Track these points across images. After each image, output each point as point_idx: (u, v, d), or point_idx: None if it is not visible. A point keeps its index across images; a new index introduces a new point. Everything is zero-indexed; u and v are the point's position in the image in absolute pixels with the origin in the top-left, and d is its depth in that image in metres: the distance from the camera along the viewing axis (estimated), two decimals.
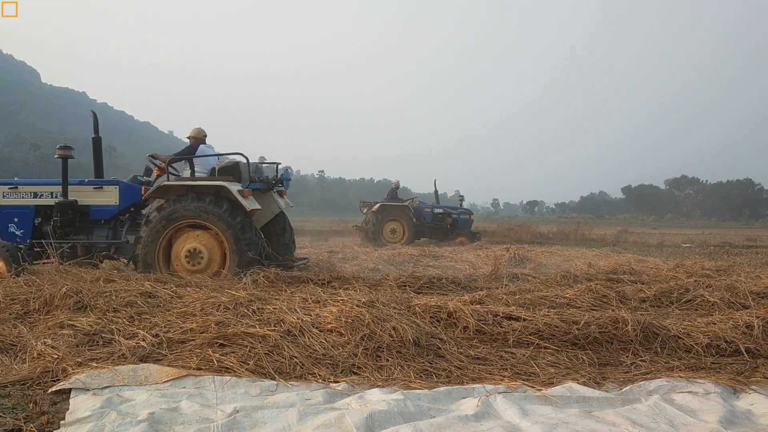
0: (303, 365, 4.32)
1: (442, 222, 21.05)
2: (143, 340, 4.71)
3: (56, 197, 8.61)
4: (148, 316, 5.46)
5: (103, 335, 4.88)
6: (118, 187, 8.79)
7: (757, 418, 3.64)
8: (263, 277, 7.58)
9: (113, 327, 5.02)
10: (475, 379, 4.26)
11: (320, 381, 4.09)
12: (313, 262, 11.77)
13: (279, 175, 9.65)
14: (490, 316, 5.52)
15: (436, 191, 23.55)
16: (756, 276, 9.45)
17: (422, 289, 7.75)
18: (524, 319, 5.45)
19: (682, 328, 5.34)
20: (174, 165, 8.96)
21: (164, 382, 3.89)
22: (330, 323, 5.00)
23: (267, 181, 9.32)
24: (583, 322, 5.30)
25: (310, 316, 5.23)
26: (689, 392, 3.98)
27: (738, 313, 5.84)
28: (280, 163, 9.77)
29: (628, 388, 4.09)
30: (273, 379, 4.06)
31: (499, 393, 3.85)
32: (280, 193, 9.58)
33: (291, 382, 4.03)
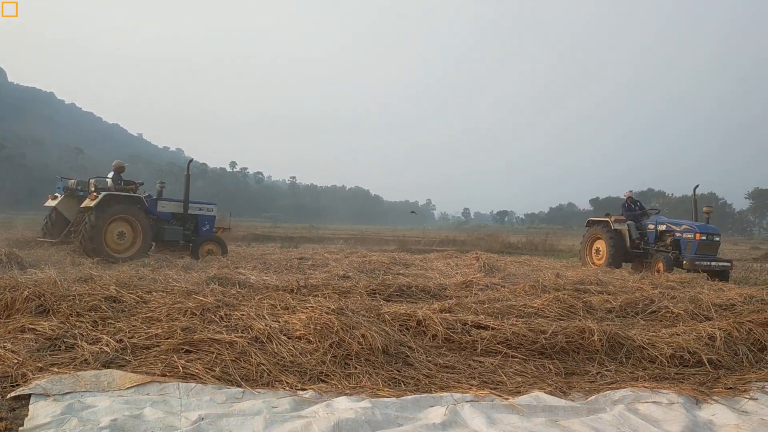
0: (270, 372, 4.28)
1: (663, 242, 14.88)
2: (107, 345, 4.61)
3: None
4: (112, 321, 5.36)
5: (65, 340, 4.77)
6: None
7: (719, 428, 3.70)
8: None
9: (76, 332, 4.92)
10: (443, 387, 4.26)
11: (287, 388, 4.05)
12: (282, 267, 11.71)
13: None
14: (459, 324, 5.54)
15: (694, 201, 16.59)
16: (719, 288, 9.65)
17: (392, 297, 7.75)
18: (493, 328, 5.48)
19: (647, 339, 5.43)
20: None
21: (127, 388, 3.82)
22: (298, 330, 4.97)
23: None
24: (550, 331, 5.35)
25: (279, 322, 5.19)
26: (653, 402, 4.04)
27: (701, 325, 5.95)
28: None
29: (593, 397, 4.13)
30: (239, 386, 4.02)
31: (467, 402, 3.85)
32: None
33: (258, 390, 3.98)
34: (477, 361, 4.92)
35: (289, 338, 4.86)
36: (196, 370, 4.16)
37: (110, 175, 13.93)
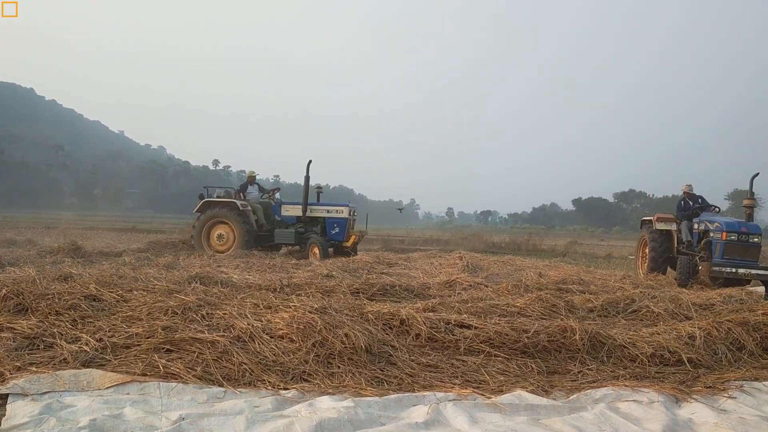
0: (252, 372, 4.26)
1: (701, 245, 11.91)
2: (86, 344, 4.56)
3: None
4: (92, 320, 5.30)
5: (44, 339, 4.70)
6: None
7: (698, 426, 3.74)
8: None
9: (55, 330, 4.85)
10: (426, 386, 4.27)
11: (270, 388, 4.03)
12: (264, 266, 11.65)
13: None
14: (442, 323, 5.55)
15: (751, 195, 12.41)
16: (699, 288, 9.75)
17: (375, 296, 7.74)
18: (476, 327, 5.49)
19: (628, 338, 5.47)
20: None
21: (107, 387, 3.78)
22: (281, 329, 4.94)
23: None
24: (532, 330, 5.38)
25: (261, 321, 5.16)
26: (634, 401, 4.07)
27: (681, 324, 6.01)
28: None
29: (575, 396, 4.16)
30: (221, 385, 3.99)
31: (450, 400, 3.86)
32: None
33: (239, 389, 3.96)
34: (460, 360, 4.93)
35: (271, 337, 4.84)
36: (177, 370, 4.12)
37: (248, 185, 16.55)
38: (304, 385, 4.13)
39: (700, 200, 12.98)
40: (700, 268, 11.12)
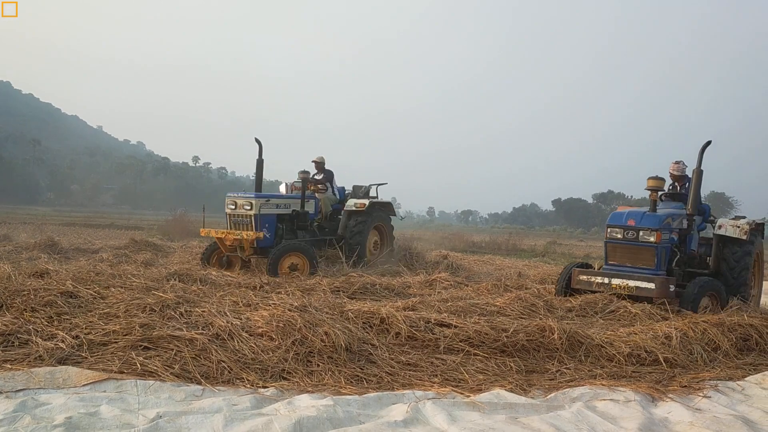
0: (231, 370, 4.24)
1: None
2: (62, 341, 4.50)
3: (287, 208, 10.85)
4: (68, 317, 5.24)
5: (19, 336, 4.63)
6: (314, 201, 11.52)
7: (673, 425, 3.80)
8: None
9: (30, 327, 4.78)
10: (405, 385, 4.28)
11: (248, 386, 4.01)
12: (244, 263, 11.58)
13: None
14: (422, 322, 5.56)
15: (698, 174, 8.75)
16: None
17: (356, 295, 7.75)
18: (455, 326, 5.51)
19: (605, 338, 5.53)
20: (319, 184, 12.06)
21: (83, 385, 3.73)
22: (260, 327, 4.92)
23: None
24: (511, 329, 5.41)
25: (240, 319, 5.13)
26: (611, 400, 4.12)
27: (658, 324, 6.09)
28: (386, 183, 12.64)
29: (552, 395, 4.19)
30: (199, 383, 3.96)
31: (429, 399, 3.87)
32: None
33: (218, 387, 3.94)
34: (439, 359, 4.95)
35: (250, 335, 4.82)
36: (155, 368, 4.09)
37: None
38: (283, 383, 4.12)
39: (687, 185, 8.81)
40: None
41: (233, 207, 10.28)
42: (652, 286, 7.18)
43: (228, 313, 5.28)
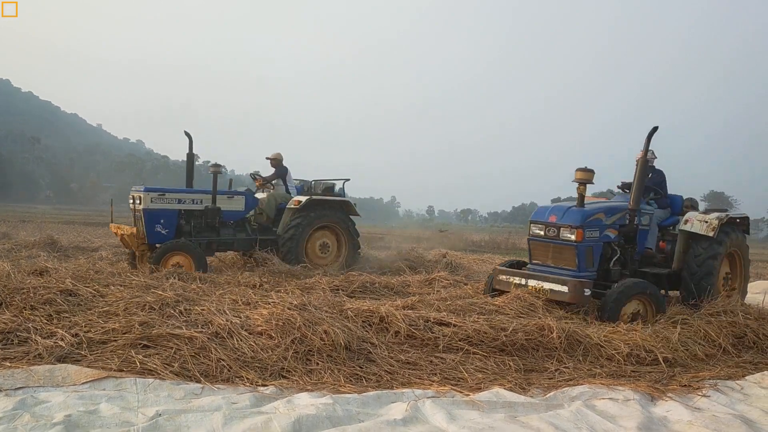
0: (230, 368, 4.24)
1: None
2: (62, 339, 4.50)
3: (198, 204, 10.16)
4: (68, 315, 5.24)
5: (18, 334, 4.63)
6: (244, 197, 10.72)
7: (672, 424, 3.80)
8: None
9: (30, 325, 4.78)
10: (404, 383, 4.28)
11: (248, 384, 4.02)
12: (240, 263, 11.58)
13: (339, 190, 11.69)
14: (421, 321, 5.56)
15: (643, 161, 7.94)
16: None
17: (355, 293, 7.74)
18: (454, 325, 5.52)
19: (604, 337, 5.52)
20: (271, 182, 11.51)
21: (83, 383, 3.74)
22: (260, 326, 4.92)
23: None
24: (510, 328, 5.41)
25: (240, 318, 5.13)
26: (610, 399, 4.12)
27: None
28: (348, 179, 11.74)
29: (552, 394, 4.20)
30: (198, 382, 3.97)
31: (428, 398, 3.88)
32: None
33: (217, 386, 3.94)
34: (438, 358, 4.95)
35: (250, 334, 4.82)
36: (154, 366, 4.09)
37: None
38: (283, 381, 4.12)
39: (650, 176, 8.05)
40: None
41: (131, 202, 9.92)
42: (564, 289, 6.45)
43: (227, 312, 5.27)
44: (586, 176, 6.88)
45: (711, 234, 7.14)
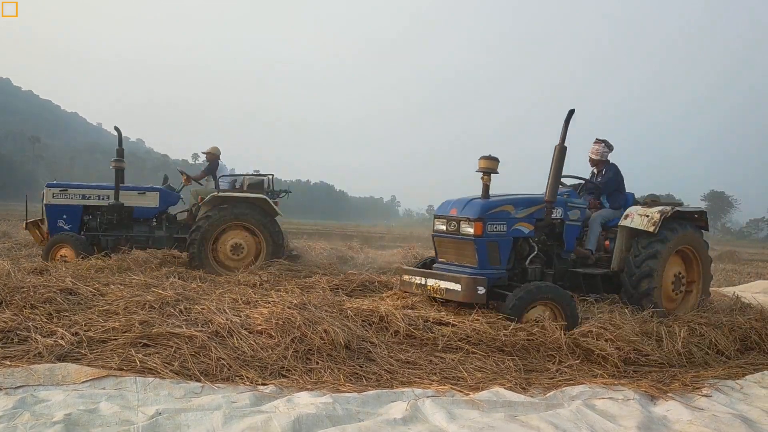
0: (230, 367, 4.24)
1: None
2: (62, 338, 4.50)
3: (105, 199, 10.06)
4: (68, 314, 5.24)
5: (18, 332, 4.63)
6: (158, 193, 10.41)
7: (672, 423, 3.80)
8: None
9: (30, 324, 4.78)
10: (404, 382, 4.28)
11: (248, 383, 4.01)
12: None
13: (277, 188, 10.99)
14: (420, 320, 5.56)
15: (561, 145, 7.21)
16: None
17: (355, 292, 7.73)
18: (454, 325, 5.51)
19: (606, 338, 5.48)
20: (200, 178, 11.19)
21: (83, 382, 3.74)
22: (260, 325, 4.92)
23: (275, 193, 10.70)
24: (511, 326, 5.39)
25: (240, 317, 5.13)
26: (610, 398, 4.12)
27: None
28: (273, 175, 10.84)
29: (551, 393, 4.19)
30: (198, 380, 3.97)
31: (428, 397, 3.88)
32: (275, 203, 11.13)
33: (217, 384, 3.94)
34: (438, 357, 4.95)
35: (250, 333, 4.82)
36: (154, 365, 4.09)
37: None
38: (283, 380, 4.12)
39: (603, 171, 7.66)
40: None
41: (41, 198, 10.09)
42: (458, 287, 5.86)
43: (227, 311, 5.27)
44: (489, 165, 6.24)
45: (651, 229, 6.52)
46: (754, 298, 8.11)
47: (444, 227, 6.45)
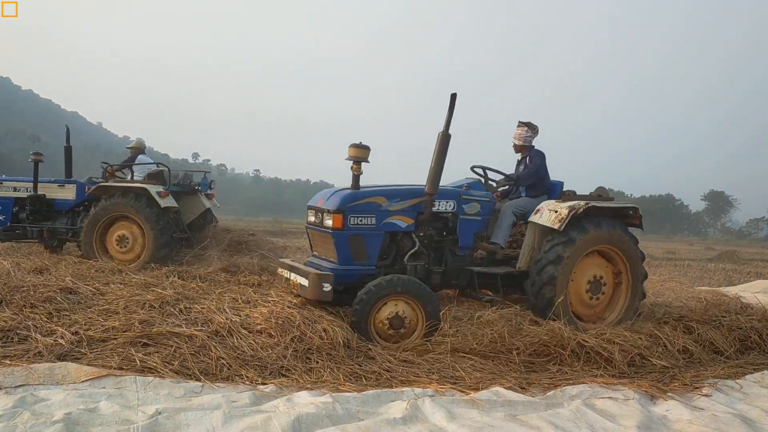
0: (230, 366, 4.24)
1: None
2: (62, 337, 4.50)
3: (29, 192, 10.50)
4: (68, 313, 5.23)
5: (18, 332, 4.63)
6: (75, 185, 10.56)
7: (672, 423, 3.80)
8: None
9: (30, 323, 4.77)
10: (404, 382, 4.28)
11: (247, 383, 4.01)
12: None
13: (198, 181, 11.24)
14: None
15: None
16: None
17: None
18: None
19: (606, 338, 5.47)
20: (121, 170, 11.06)
21: (82, 381, 3.74)
22: (260, 324, 4.92)
23: (190, 186, 10.96)
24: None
25: (240, 316, 5.13)
26: (609, 398, 4.12)
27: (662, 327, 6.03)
28: (209, 171, 11.23)
29: (551, 393, 4.19)
30: (198, 380, 3.96)
31: (428, 396, 3.87)
32: (208, 196, 11.29)
33: (217, 384, 3.94)
34: (437, 357, 4.94)
35: (249, 332, 4.82)
36: (154, 364, 4.09)
37: None
38: (282, 380, 4.12)
39: (528, 158, 6.97)
40: None
41: None
42: (306, 283, 5.46)
43: (227, 310, 5.27)
44: (359, 153, 5.73)
45: (557, 227, 5.75)
46: (754, 297, 8.10)
47: (313, 219, 6.11)
